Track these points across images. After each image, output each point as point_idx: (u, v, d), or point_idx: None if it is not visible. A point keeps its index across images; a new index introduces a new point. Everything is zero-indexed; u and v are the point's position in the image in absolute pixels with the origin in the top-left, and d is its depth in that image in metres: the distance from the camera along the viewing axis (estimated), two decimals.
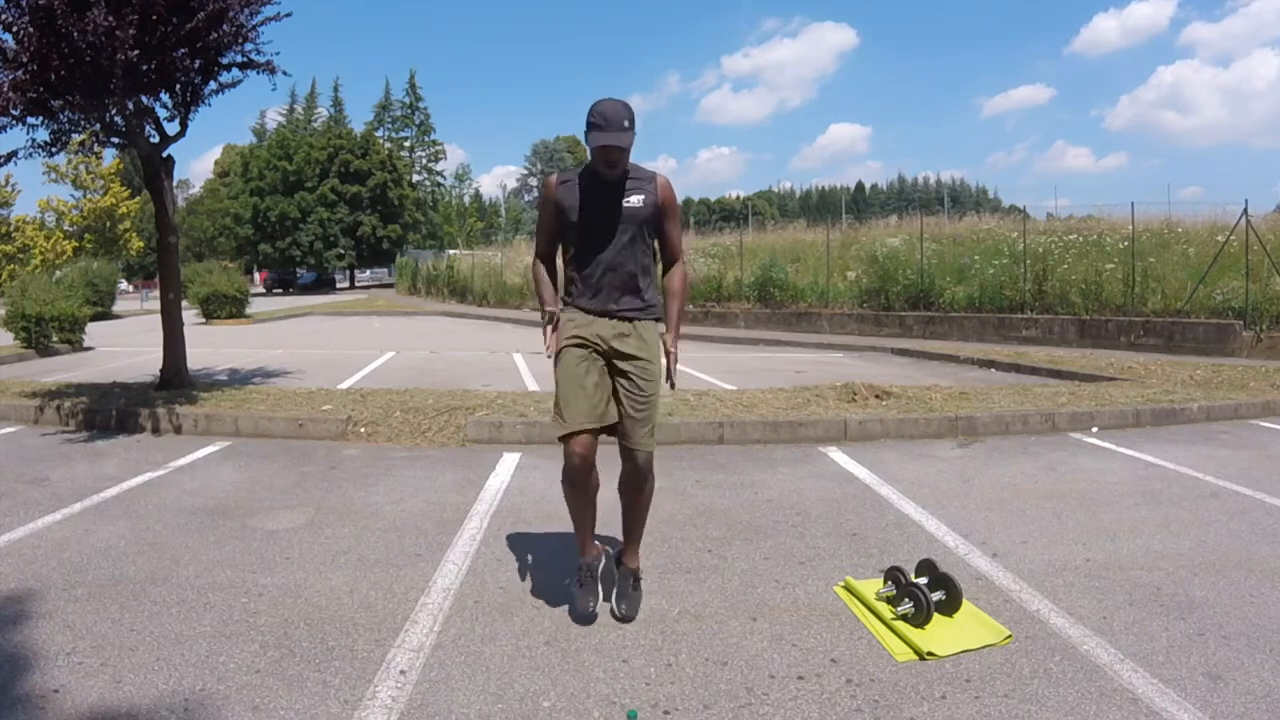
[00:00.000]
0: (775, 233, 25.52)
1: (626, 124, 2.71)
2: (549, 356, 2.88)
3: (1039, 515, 4.08)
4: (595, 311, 2.85)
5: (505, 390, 7.47)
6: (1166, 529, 3.86)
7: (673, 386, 2.95)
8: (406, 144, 62.63)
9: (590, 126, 2.72)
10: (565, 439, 2.77)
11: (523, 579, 3.22)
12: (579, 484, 2.83)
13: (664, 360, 2.91)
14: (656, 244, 2.97)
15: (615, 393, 2.83)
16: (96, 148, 21.95)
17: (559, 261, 3.04)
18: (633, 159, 2.84)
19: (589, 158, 2.86)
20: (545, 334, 2.90)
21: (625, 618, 2.84)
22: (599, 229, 2.82)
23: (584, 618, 2.83)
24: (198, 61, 6.93)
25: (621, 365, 2.82)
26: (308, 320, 22.09)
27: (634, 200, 2.82)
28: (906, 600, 2.80)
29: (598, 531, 3.09)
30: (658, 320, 2.94)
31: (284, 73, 7.39)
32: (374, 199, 48.52)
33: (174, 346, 7.59)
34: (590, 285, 2.85)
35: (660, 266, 3.04)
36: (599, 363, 2.83)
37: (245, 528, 3.85)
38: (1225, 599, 3.01)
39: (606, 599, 2.96)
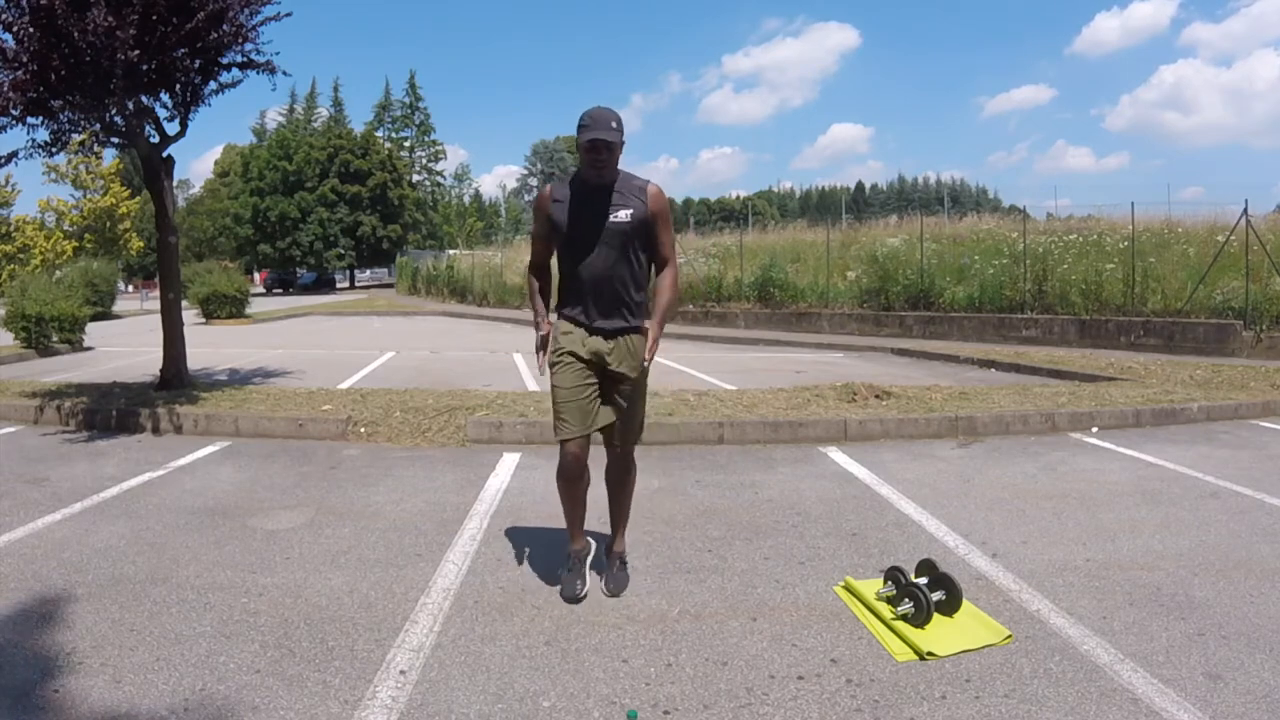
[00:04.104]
0: (775, 233, 25.54)
1: (614, 125, 2.79)
2: (540, 374, 3.01)
3: (1039, 515, 4.08)
4: (584, 325, 2.94)
5: (505, 390, 7.47)
6: (1166, 529, 3.86)
7: (645, 366, 2.96)
8: (406, 144, 62.66)
9: (579, 128, 2.82)
10: (562, 441, 2.97)
11: (523, 579, 3.22)
12: (572, 479, 3.04)
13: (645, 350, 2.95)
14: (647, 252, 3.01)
15: (603, 397, 2.98)
16: (96, 148, 22.08)
17: (553, 268, 3.12)
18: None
19: (580, 165, 2.93)
20: (537, 356, 3.02)
21: (613, 594, 3.04)
22: (586, 244, 2.89)
23: (572, 600, 2.99)
24: (198, 61, 6.93)
25: (610, 373, 2.95)
26: (308, 320, 22.09)
27: (621, 215, 2.87)
28: (906, 600, 2.80)
29: (594, 528, 3.16)
30: (645, 334, 3.00)
31: (284, 73, 7.40)
32: (374, 199, 48.50)
33: (174, 346, 7.59)
34: (579, 298, 2.95)
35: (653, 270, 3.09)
36: (589, 373, 2.95)
37: (245, 528, 3.85)
38: (1225, 599, 3.01)
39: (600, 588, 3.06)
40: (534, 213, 3.07)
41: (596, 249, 2.88)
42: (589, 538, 3.19)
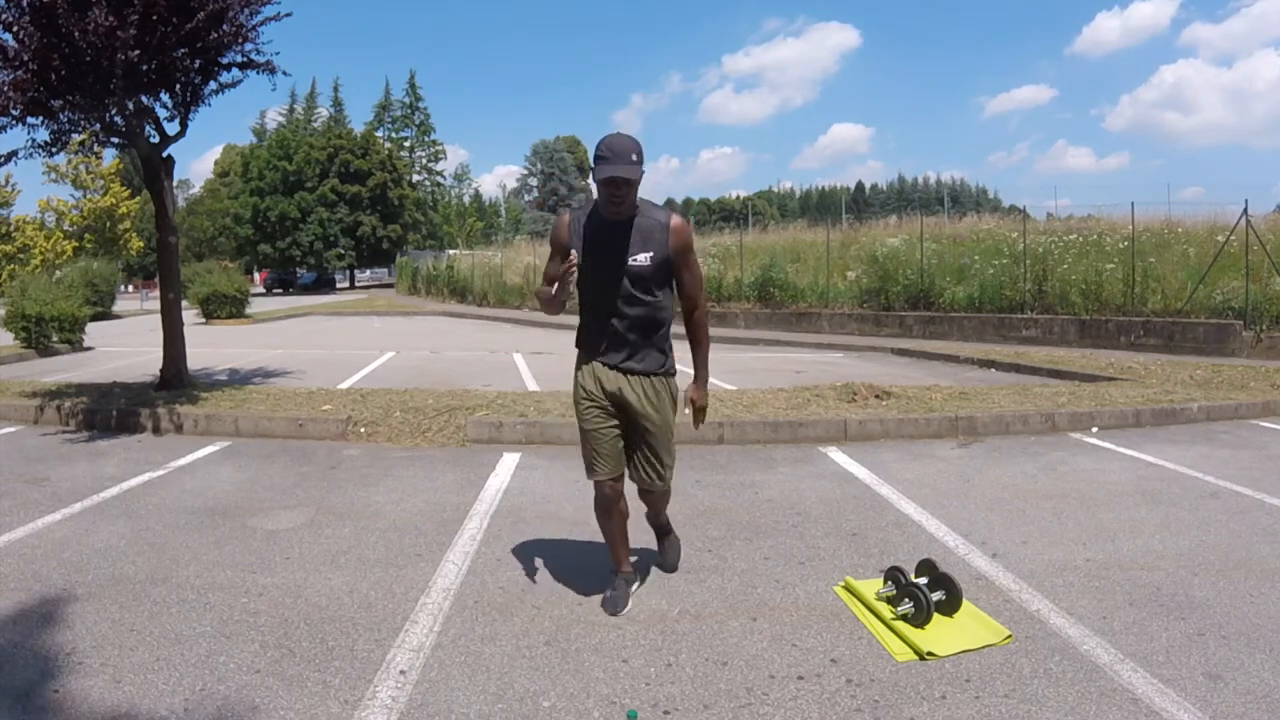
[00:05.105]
0: (775, 233, 25.53)
1: (634, 158, 2.63)
2: (574, 272, 2.74)
3: (1039, 515, 4.08)
4: (604, 364, 2.86)
5: (505, 390, 7.47)
6: (1166, 529, 3.86)
7: (696, 427, 3.09)
8: (406, 144, 62.59)
9: (597, 159, 2.65)
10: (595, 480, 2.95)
11: (522, 579, 3.22)
12: (609, 511, 2.99)
13: (685, 408, 3.00)
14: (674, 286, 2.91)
15: (626, 437, 2.93)
16: (96, 148, 22.07)
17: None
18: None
19: (595, 195, 2.79)
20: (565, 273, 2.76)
21: (673, 566, 3.25)
22: (604, 286, 2.78)
23: (611, 613, 2.92)
24: (198, 61, 6.94)
25: (631, 413, 2.88)
26: (308, 320, 22.08)
27: (640, 259, 2.73)
28: (906, 600, 2.80)
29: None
30: (669, 375, 2.93)
31: (284, 73, 7.41)
32: (374, 199, 48.47)
33: (174, 346, 7.60)
34: (598, 338, 2.86)
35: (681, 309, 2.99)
36: (612, 417, 2.89)
37: (245, 528, 3.85)
38: (1225, 599, 3.01)
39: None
40: (551, 241, 2.89)
41: (614, 291, 2.75)
42: (633, 565, 3.13)
